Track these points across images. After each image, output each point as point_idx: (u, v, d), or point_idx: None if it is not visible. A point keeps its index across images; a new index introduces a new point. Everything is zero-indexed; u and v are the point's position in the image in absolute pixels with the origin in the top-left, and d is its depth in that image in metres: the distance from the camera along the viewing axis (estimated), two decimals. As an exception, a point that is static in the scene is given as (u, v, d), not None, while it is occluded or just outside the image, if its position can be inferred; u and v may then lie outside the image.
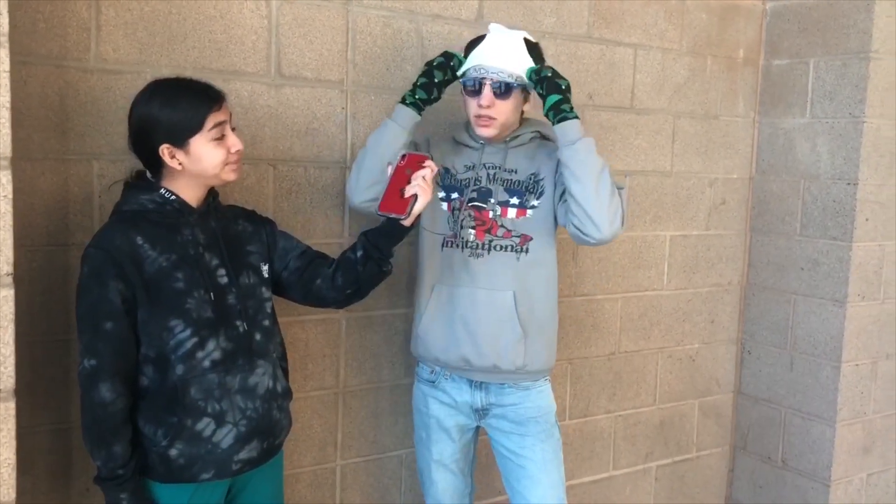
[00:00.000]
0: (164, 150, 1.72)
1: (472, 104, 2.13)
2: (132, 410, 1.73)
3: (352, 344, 2.48)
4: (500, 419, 2.23)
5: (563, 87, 2.08)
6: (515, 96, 2.14)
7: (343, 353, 2.47)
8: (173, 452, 1.74)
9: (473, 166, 2.21)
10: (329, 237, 2.38)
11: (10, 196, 1.53)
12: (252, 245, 1.92)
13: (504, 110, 2.13)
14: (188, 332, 1.73)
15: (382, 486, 2.61)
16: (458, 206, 2.19)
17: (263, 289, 1.90)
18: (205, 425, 1.75)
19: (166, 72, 2.07)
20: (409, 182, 1.89)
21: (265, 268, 1.92)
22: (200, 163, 1.74)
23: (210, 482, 1.78)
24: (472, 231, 2.17)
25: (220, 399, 1.76)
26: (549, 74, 2.09)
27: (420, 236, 2.26)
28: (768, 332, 3.29)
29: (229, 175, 1.79)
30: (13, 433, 1.56)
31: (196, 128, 1.71)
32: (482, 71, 2.10)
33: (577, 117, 2.07)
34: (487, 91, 2.10)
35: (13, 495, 1.58)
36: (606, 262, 2.98)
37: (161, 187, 1.76)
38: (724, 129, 3.22)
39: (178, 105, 1.71)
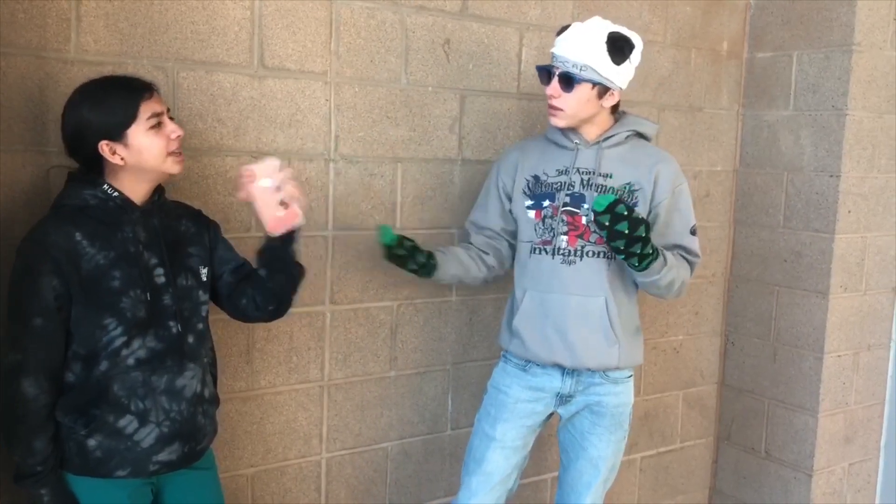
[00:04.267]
0: (104, 147, 1.70)
1: (546, 91, 2.15)
2: (54, 405, 1.71)
3: (336, 337, 2.48)
4: (579, 404, 2.27)
5: (626, 233, 1.98)
6: (583, 89, 2.11)
7: (328, 346, 2.47)
8: (91, 443, 1.72)
9: (566, 170, 2.20)
10: (313, 230, 2.37)
11: (-10, 188, 1.52)
12: (194, 247, 1.89)
13: (570, 102, 2.12)
14: (119, 330, 1.71)
15: (368, 478, 2.61)
16: (550, 213, 2.19)
17: (200, 292, 1.88)
18: (127, 422, 1.73)
19: (147, 63, 2.06)
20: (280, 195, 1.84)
21: (204, 271, 1.90)
22: (141, 154, 1.72)
23: (125, 479, 1.75)
24: (565, 237, 2.17)
25: (144, 398, 1.74)
26: (607, 222, 1.97)
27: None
28: (752, 323, 3.31)
29: (172, 167, 1.77)
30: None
31: (131, 118, 1.70)
32: (553, 60, 2.12)
33: (646, 267, 2.05)
34: (554, 80, 2.11)
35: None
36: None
37: (104, 182, 1.74)
38: (708, 122, 3.23)
39: (108, 100, 1.70)
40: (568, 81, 2.10)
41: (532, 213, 2.22)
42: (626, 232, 1.98)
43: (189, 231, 1.90)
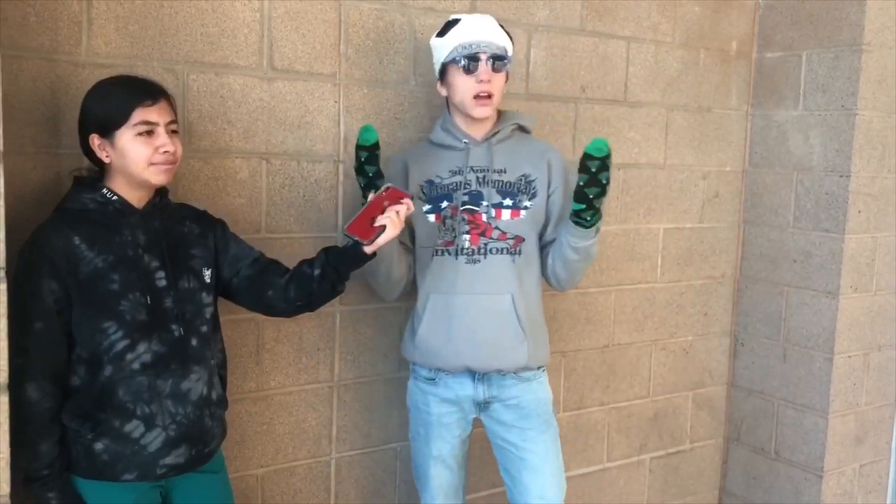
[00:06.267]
0: (94, 140, 1.73)
1: (468, 83, 2.10)
2: (59, 408, 1.72)
3: (346, 337, 2.48)
4: (501, 412, 2.23)
5: (593, 196, 2.00)
6: (504, 73, 2.15)
7: (337, 347, 2.47)
8: (98, 447, 1.72)
9: (460, 170, 2.18)
10: (322, 231, 2.38)
11: (2, 190, 1.52)
12: (196, 249, 1.89)
13: (498, 86, 2.14)
14: (120, 333, 1.72)
15: (377, 478, 2.61)
16: (449, 213, 2.17)
17: (204, 294, 1.88)
18: (133, 427, 1.73)
19: (157, 65, 2.07)
20: (383, 212, 1.91)
21: (208, 273, 1.90)
22: (124, 157, 1.73)
23: (132, 483, 1.75)
24: (467, 236, 2.15)
25: (150, 402, 1.74)
26: (595, 169, 1.96)
27: (415, 250, 2.27)
28: (761, 324, 3.30)
29: (154, 176, 1.75)
30: (7, 427, 1.56)
31: (121, 120, 1.71)
32: (474, 47, 2.08)
33: (593, 224, 2.06)
34: (485, 65, 2.09)
35: (7, 489, 1.57)
36: (600, 255, 2.97)
37: (104, 187, 1.75)
38: (717, 122, 3.22)
39: (109, 97, 1.73)
40: (499, 63, 2.11)
41: (432, 217, 2.18)
42: (605, 183, 1.97)
43: (192, 232, 1.91)
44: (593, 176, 1.96)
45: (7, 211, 1.55)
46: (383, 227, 1.90)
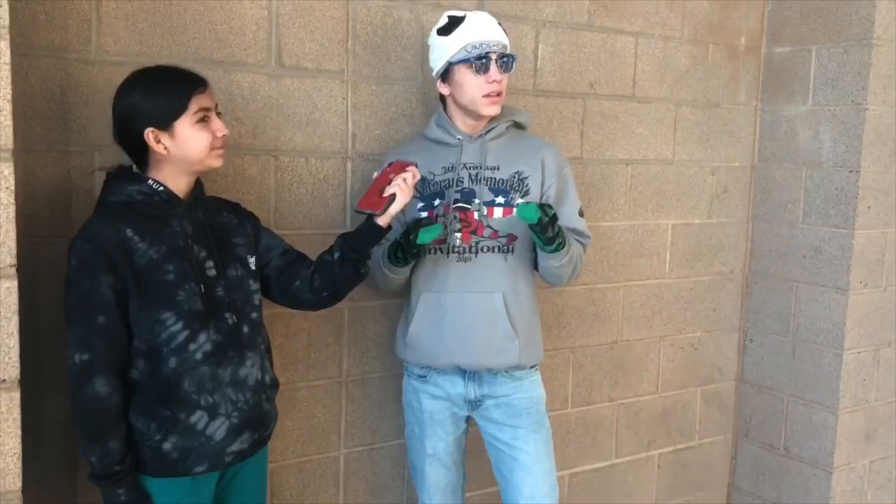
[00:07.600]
0: (149, 134, 1.71)
1: (478, 82, 2.09)
2: (126, 403, 1.72)
3: (355, 333, 2.49)
4: (492, 410, 2.23)
5: (552, 234, 2.06)
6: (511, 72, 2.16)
7: (346, 343, 2.48)
8: (167, 446, 1.73)
9: (452, 167, 2.17)
10: (330, 228, 2.39)
11: (13, 188, 1.54)
12: (238, 237, 1.91)
13: (505, 85, 2.14)
14: (180, 324, 1.72)
15: (385, 474, 2.62)
16: (441, 211, 2.16)
17: (251, 281, 1.89)
18: (198, 418, 1.75)
19: (166, 63, 2.08)
20: (390, 184, 1.93)
21: (252, 260, 1.91)
22: (185, 146, 1.73)
23: (203, 475, 1.77)
24: (458, 235, 2.14)
25: (213, 392, 1.76)
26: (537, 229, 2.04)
27: None
28: (770, 319, 3.29)
29: (214, 161, 1.78)
30: (18, 422, 1.58)
31: (180, 110, 1.71)
32: (484, 47, 2.07)
33: (556, 250, 2.08)
34: (496, 65, 2.09)
35: (19, 484, 1.59)
36: (608, 251, 2.98)
37: (149, 178, 1.75)
38: (726, 118, 3.21)
39: (160, 89, 1.72)
40: (508, 65, 2.12)
41: (425, 215, 2.17)
42: (553, 233, 2.04)
43: (232, 222, 1.92)
44: (536, 233, 2.04)
45: (18, 208, 1.56)
46: (393, 196, 1.91)
